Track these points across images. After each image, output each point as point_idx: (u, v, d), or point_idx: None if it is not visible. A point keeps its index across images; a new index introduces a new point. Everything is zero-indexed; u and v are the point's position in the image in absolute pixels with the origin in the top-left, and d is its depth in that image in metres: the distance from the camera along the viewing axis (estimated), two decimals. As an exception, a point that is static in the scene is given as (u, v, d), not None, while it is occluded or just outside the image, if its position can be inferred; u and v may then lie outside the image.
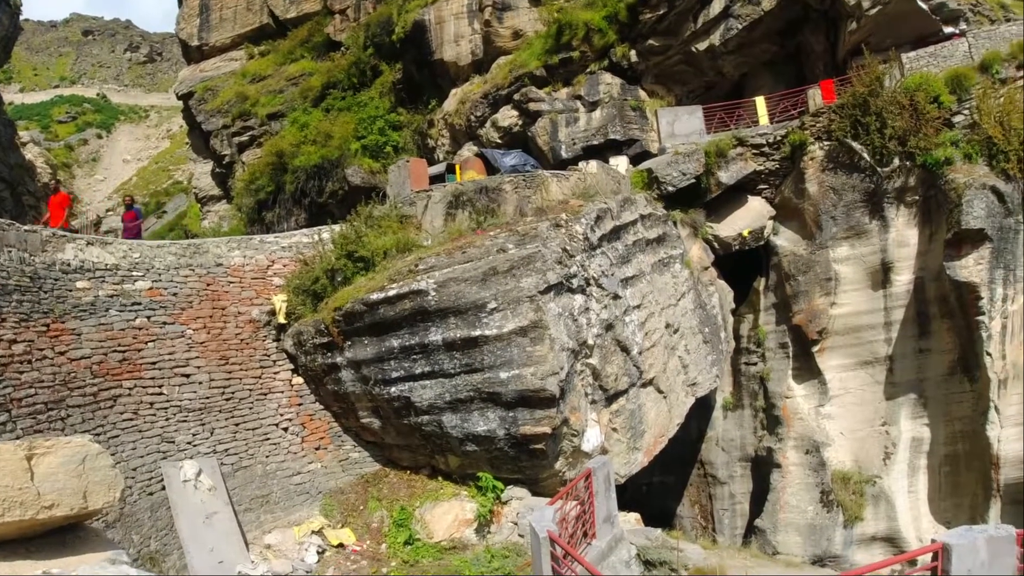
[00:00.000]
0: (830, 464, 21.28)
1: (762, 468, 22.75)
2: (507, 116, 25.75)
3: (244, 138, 32.49)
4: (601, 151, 24.18)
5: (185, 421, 14.63)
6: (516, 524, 14.22)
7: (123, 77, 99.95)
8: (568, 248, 15.15)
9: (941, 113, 20.11)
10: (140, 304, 14.59)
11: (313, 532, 14.86)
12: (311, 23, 33.69)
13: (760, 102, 24.40)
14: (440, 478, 15.86)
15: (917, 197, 20.43)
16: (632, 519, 15.14)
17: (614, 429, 16.04)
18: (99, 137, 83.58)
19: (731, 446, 23.66)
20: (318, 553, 14.38)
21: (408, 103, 29.65)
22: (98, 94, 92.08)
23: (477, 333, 14.05)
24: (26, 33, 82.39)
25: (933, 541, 7.39)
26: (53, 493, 4.43)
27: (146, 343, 14.46)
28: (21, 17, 49.09)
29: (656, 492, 24.00)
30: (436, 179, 21.42)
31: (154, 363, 14.47)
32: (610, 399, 16.01)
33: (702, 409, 22.75)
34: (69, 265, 13.69)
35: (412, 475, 16.25)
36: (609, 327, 15.99)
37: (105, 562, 4.29)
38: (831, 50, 24.28)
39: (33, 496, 4.29)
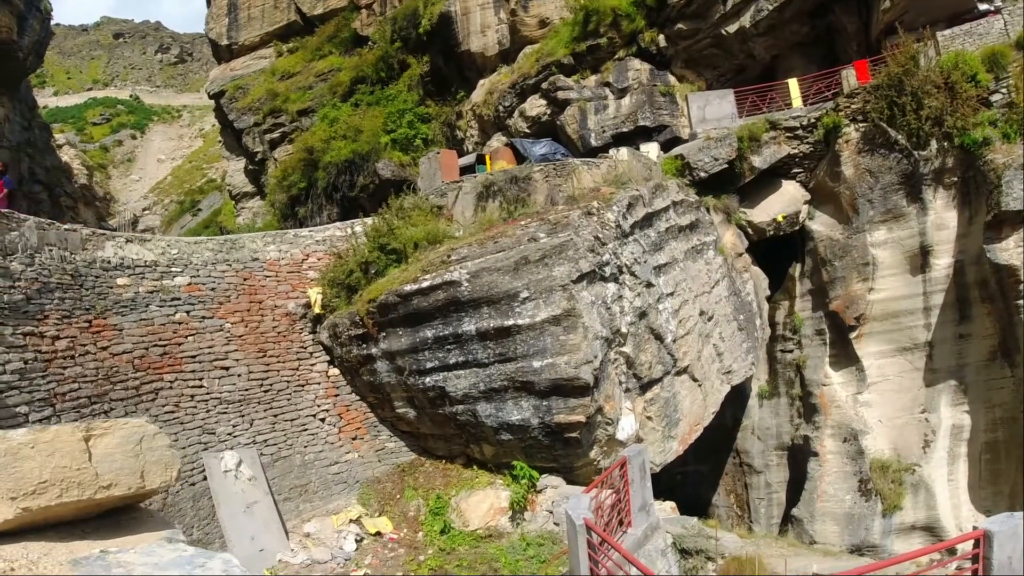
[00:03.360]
0: (868, 452, 20.97)
1: (799, 457, 22.50)
2: (535, 105, 25.66)
3: (275, 135, 32.82)
4: (631, 138, 23.99)
5: (225, 413, 14.91)
6: (551, 512, 14.24)
7: (155, 78, 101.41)
8: (600, 236, 15.08)
9: (978, 92, 19.59)
10: (179, 299, 14.87)
11: (351, 521, 15.07)
12: (338, 19, 33.88)
13: (793, 84, 24.03)
14: (475, 467, 15.95)
15: (956, 179, 19.96)
16: (667, 508, 15.09)
17: (648, 417, 15.97)
18: (133, 138, 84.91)
19: (767, 435, 23.43)
20: (356, 541, 14.58)
21: (436, 95, 29.72)
22: (131, 95, 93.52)
23: (510, 322, 14.07)
24: (57, 37, 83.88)
25: (975, 528, 7.27)
26: (111, 473, 4.51)
27: (186, 337, 14.74)
28: (52, 22, 49.97)
29: (691, 481, 23.87)
30: (466, 170, 21.47)
31: (194, 356, 14.76)
32: (644, 387, 15.94)
33: (737, 397, 22.56)
34: (109, 262, 13.98)
35: (447, 464, 16.37)
36: (642, 315, 15.91)
37: (163, 540, 4.37)
38: (864, 30, 23.80)
39: (91, 476, 4.37)
